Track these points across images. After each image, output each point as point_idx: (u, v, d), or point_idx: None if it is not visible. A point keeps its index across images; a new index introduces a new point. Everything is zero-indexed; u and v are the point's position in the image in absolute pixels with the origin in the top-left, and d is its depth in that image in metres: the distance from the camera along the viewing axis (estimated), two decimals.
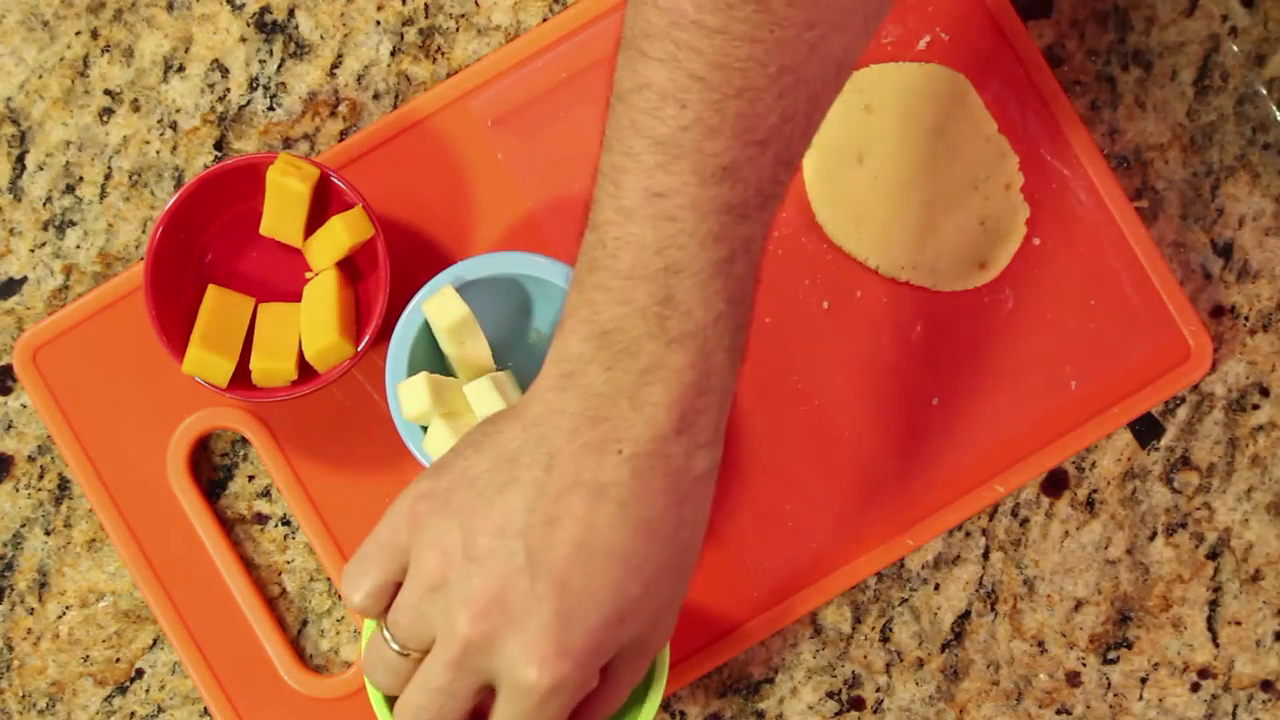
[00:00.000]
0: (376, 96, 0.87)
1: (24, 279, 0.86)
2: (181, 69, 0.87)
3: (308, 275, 0.83)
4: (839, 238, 0.86)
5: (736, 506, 0.85)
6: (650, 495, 0.64)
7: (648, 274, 0.63)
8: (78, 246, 0.86)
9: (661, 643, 0.68)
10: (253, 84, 0.87)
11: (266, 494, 0.86)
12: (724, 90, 0.62)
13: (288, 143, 0.87)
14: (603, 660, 0.65)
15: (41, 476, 0.86)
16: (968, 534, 0.87)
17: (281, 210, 0.82)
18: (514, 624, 0.64)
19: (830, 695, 0.87)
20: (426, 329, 0.80)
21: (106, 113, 0.87)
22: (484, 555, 0.64)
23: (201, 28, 0.87)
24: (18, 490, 0.86)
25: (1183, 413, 0.87)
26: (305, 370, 0.82)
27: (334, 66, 0.87)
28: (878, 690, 0.87)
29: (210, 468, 0.86)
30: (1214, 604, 0.87)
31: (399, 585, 0.67)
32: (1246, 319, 0.88)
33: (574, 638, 0.63)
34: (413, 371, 0.80)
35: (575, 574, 0.63)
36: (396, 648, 0.67)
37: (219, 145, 0.87)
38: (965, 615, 0.87)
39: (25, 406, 0.86)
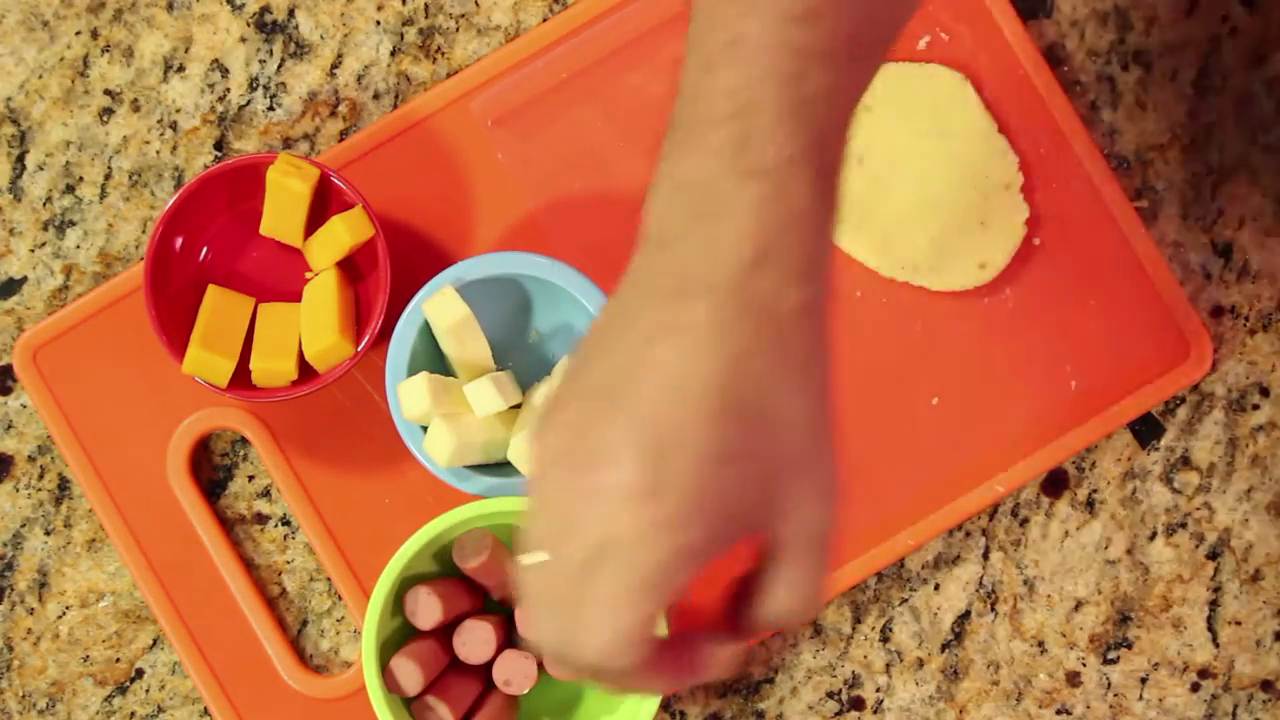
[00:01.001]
0: (376, 96, 0.87)
1: (24, 279, 0.86)
2: (181, 69, 0.87)
3: (308, 275, 0.83)
4: (839, 238, 0.86)
5: None
6: (734, 330, 0.61)
7: (724, 117, 0.61)
8: (78, 246, 0.86)
9: (822, 511, 0.63)
10: (253, 84, 0.87)
11: (266, 494, 0.86)
12: None
13: (288, 143, 0.87)
14: (714, 506, 0.61)
15: (41, 476, 0.86)
16: (968, 534, 0.87)
17: (281, 210, 0.82)
18: (601, 469, 0.60)
19: (830, 695, 0.87)
20: (426, 329, 0.80)
21: (106, 113, 0.87)
22: (573, 420, 0.61)
23: (201, 28, 0.87)
24: (18, 490, 0.86)
25: (1183, 413, 0.87)
26: (305, 370, 0.82)
27: (334, 66, 0.87)
28: (878, 690, 0.87)
29: (210, 468, 0.86)
30: (1214, 604, 0.87)
31: None
32: (1246, 319, 0.88)
33: (667, 474, 0.60)
34: (413, 371, 0.80)
35: (661, 413, 0.60)
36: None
37: (219, 145, 0.87)
38: (965, 615, 0.87)
39: (25, 406, 0.86)
